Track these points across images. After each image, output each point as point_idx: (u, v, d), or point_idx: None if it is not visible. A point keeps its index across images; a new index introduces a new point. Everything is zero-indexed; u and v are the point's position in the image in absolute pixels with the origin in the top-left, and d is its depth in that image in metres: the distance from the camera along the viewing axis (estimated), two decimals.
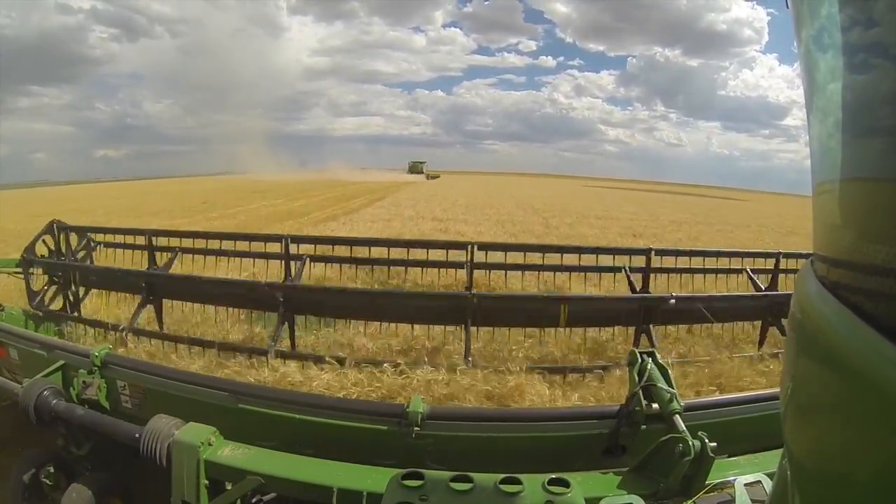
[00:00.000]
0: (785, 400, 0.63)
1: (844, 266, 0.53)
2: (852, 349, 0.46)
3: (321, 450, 1.54)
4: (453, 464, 1.38)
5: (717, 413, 1.69)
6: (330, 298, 3.97)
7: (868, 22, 0.47)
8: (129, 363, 2.05)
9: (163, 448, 1.52)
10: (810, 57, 0.61)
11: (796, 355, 0.60)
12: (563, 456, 1.61)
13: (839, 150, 0.55)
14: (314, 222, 13.66)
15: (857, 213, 0.53)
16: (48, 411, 1.78)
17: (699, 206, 34.12)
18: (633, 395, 1.60)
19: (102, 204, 22.05)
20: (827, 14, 0.56)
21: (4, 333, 2.34)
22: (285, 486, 1.42)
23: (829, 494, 0.50)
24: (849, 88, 0.53)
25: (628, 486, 1.37)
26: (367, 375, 3.20)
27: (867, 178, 0.51)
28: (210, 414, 1.68)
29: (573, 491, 1.23)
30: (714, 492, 1.38)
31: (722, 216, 25.09)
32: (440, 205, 21.39)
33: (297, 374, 3.27)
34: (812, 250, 0.63)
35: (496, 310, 3.88)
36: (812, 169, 0.63)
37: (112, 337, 3.90)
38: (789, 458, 0.60)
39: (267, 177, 55.05)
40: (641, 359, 1.65)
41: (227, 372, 3.36)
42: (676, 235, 14.45)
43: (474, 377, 3.15)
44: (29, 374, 1.98)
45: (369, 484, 1.33)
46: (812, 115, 0.63)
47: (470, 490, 1.22)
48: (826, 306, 0.53)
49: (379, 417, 1.66)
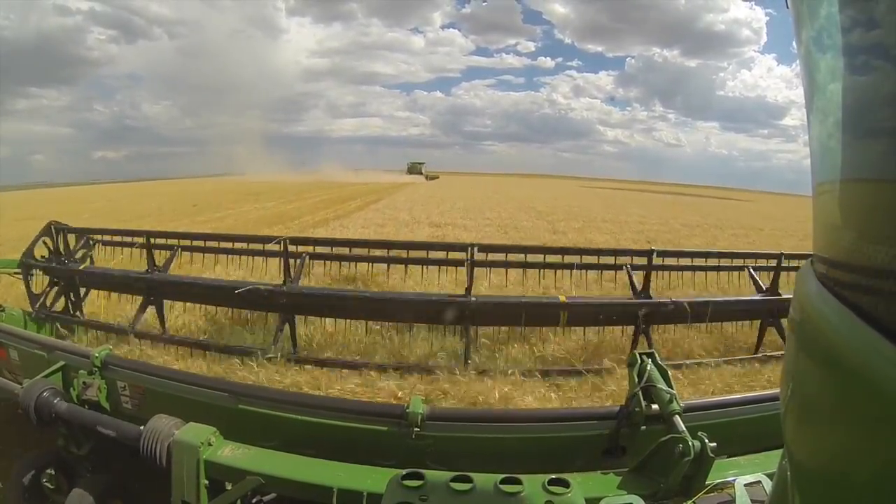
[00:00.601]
0: (785, 400, 0.63)
1: (844, 266, 0.53)
2: (852, 349, 0.46)
3: (321, 450, 1.54)
4: (453, 464, 1.38)
5: (717, 413, 1.69)
6: (330, 302, 3.97)
7: (868, 23, 0.48)
8: (129, 364, 2.05)
9: (163, 448, 1.52)
10: (810, 57, 0.61)
11: (796, 355, 0.60)
12: (563, 456, 1.61)
13: (839, 150, 0.55)
14: (304, 227, 13.22)
15: (857, 213, 0.53)
16: (48, 412, 1.78)
17: (706, 207, 33.14)
18: (633, 396, 1.60)
19: (91, 207, 21.37)
20: (827, 15, 0.56)
21: (4, 334, 2.34)
22: (285, 486, 1.42)
23: (829, 494, 0.50)
24: (849, 89, 0.53)
25: (628, 487, 1.37)
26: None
27: (867, 179, 0.51)
28: (210, 414, 1.68)
29: (573, 491, 1.23)
30: (714, 492, 1.38)
31: (733, 218, 23.97)
32: (438, 208, 20.46)
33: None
34: (812, 250, 0.63)
35: (496, 313, 3.87)
36: (812, 169, 0.63)
37: (113, 340, 3.91)
38: (789, 458, 0.60)
39: (264, 178, 55.21)
40: (641, 360, 1.66)
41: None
42: (692, 241, 13.48)
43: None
44: (29, 375, 1.98)
45: (369, 484, 1.33)
46: (812, 115, 0.63)
47: (470, 490, 1.22)
48: (826, 306, 0.53)
49: (379, 418, 1.66)
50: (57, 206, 22.47)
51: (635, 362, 1.66)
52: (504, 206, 22.99)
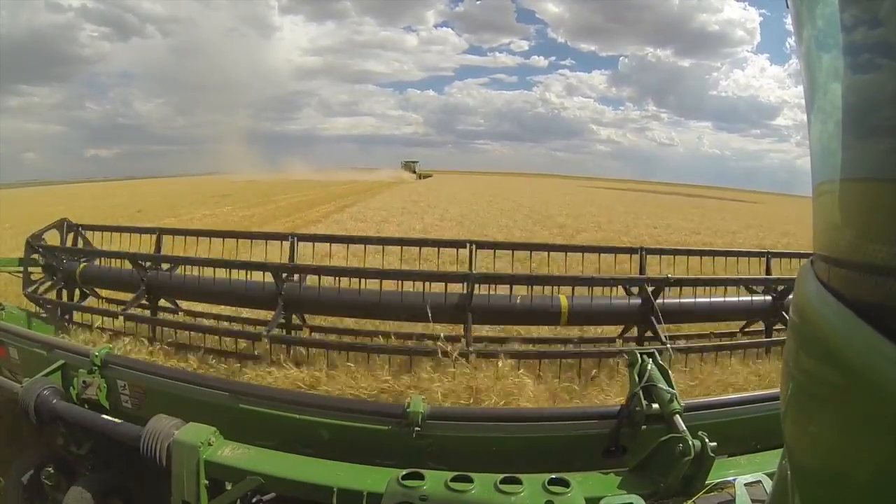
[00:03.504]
0: (785, 400, 0.63)
1: (844, 266, 0.53)
2: (852, 349, 0.46)
3: (321, 450, 1.55)
4: (453, 464, 1.38)
5: (717, 413, 1.69)
6: (327, 296, 3.97)
7: (869, 23, 0.47)
8: (129, 363, 2.05)
9: (163, 448, 1.52)
10: (811, 57, 0.61)
11: (796, 355, 0.60)
12: (564, 456, 1.62)
13: (839, 150, 0.55)
14: (241, 246, 9.07)
15: (857, 213, 0.53)
16: (48, 411, 1.78)
17: (711, 208, 30.83)
18: (634, 396, 1.60)
19: (43, 210, 15.95)
20: (828, 15, 0.56)
21: (4, 333, 2.34)
22: (285, 486, 1.42)
23: (829, 494, 0.50)
24: (850, 88, 0.53)
25: (628, 486, 1.37)
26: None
27: (867, 178, 0.51)
28: (210, 414, 1.68)
29: (573, 491, 1.23)
30: (714, 492, 1.38)
31: (748, 222, 21.23)
32: (425, 217, 15.85)
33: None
34: (812, 250, 0.63)
35: (496, 308, 3.87)
36: (812, 169, 0.63)
37: (107, 337, 3.90)
38: (789, 457, 0.60)
39: (243, 178, 55.08)
40: (642, 359, 1.65)
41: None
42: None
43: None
44: (29, 374, 1.98)
45: (369, 484, 1.33)
46: (812, 114, 0.63)
47: (470, 490, 1.22)
48: (826, 306, 0.53)
49: (379, 417, 1.66)
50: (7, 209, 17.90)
51: (636, 362, 1.65)
52: (511, 216, 17.76)
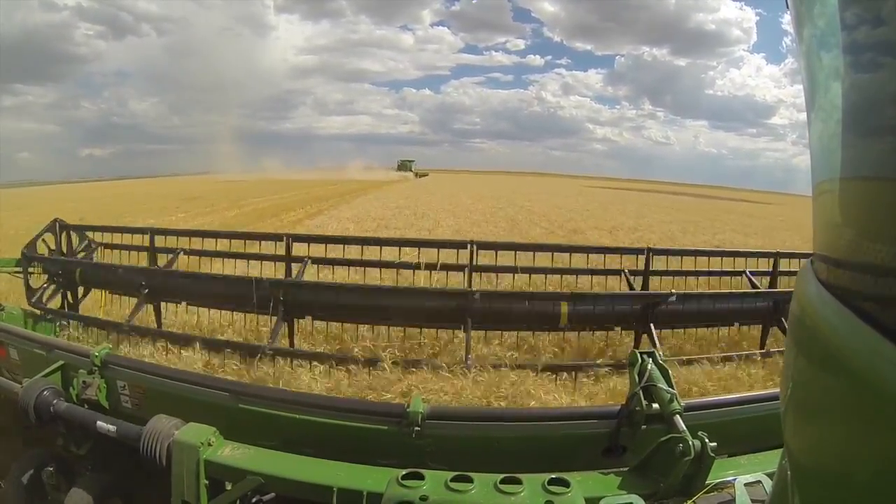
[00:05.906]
0: (785, 400, 0.63)
1: (844, 266, 0.53)
2: (852, 349, 0.46)
3: (321, 450, 1.54)
4: (453, 464, 1.38)
5: (717, 413, 1.69)
6: (328, 296, 3.98)
7: (870, 22, 0.47)
8: (129, 363, 2.04)
9: (163, 448, 1.52)
10: (811, 56, 0.61)
11: (796, 355, 0.60)
12: (564, 456, 1.61)
13: (839, 149, 0.55)
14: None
15: (857, 212, 0.53)
16: (48, 411, 1.78)
17: (717, 210, 29.46)
18: (634, 396, 1.59)
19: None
20: (828, 14, 0.55)
21: (4, 333, 2.34)
22: (285, 485, 1.42)
23: (829, 494, 0.50)
24: (850, 88, 0.53)
25: (628, 486, 1.37)
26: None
27: (867, 178, 0.50)
28: (210, 414, 1.68)
29: (573, 491, 1.22)
30: (714, 492, 1.37)
31: (765, 227, 19.28)
32: (413, 228, 12.58)
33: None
34: (812, 250, 0.63)
35: (497, 309, 3.88)
36: (812, 168, 0.63)
37: (113, 337, 3.90)
38: (789, 458, 0.60)
39: (224, 177, 55.48)
40: (642, 359, 1.65)
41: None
42: None
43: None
44: (29, 374, 1.97)
45: (369, 484, 1.33)
46: (812, 113, 0.63)
47: (470, 490, 1.21)
48: (826, 306, 0.53)
49: (379, 417, 1.66)
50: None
51: (636, 361, 1.65)
52: (525, 229, 14.20)
